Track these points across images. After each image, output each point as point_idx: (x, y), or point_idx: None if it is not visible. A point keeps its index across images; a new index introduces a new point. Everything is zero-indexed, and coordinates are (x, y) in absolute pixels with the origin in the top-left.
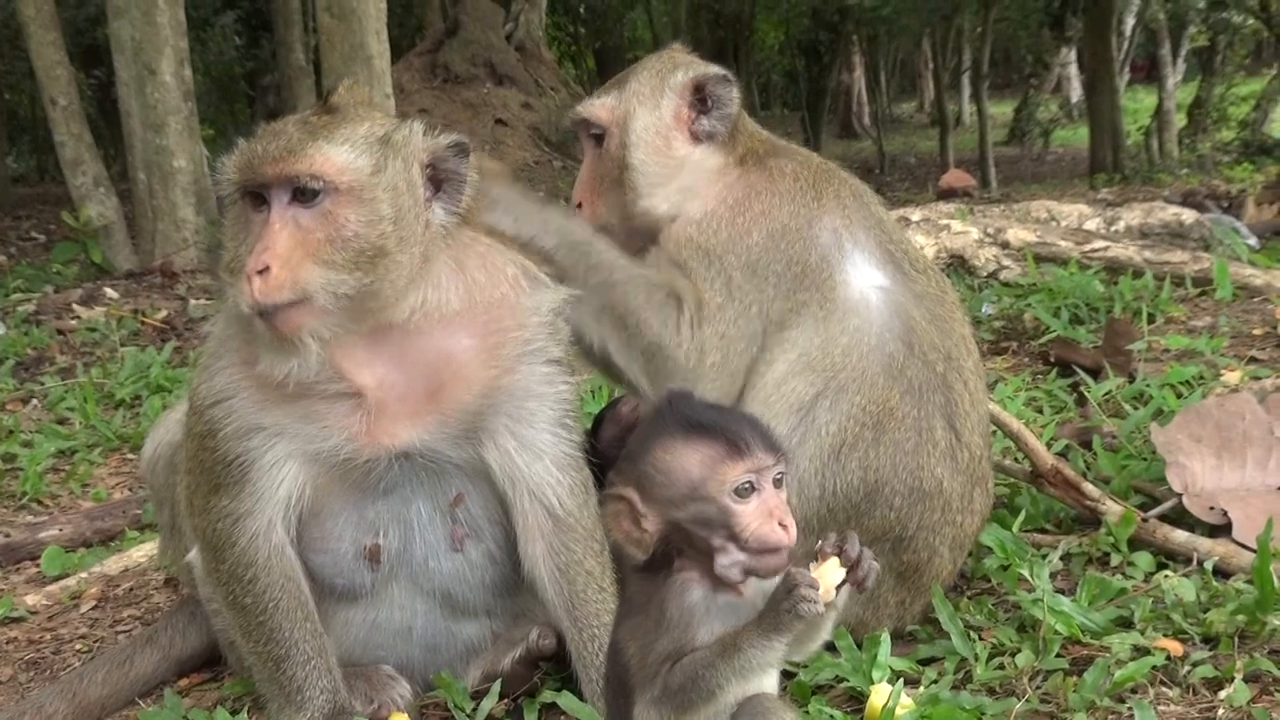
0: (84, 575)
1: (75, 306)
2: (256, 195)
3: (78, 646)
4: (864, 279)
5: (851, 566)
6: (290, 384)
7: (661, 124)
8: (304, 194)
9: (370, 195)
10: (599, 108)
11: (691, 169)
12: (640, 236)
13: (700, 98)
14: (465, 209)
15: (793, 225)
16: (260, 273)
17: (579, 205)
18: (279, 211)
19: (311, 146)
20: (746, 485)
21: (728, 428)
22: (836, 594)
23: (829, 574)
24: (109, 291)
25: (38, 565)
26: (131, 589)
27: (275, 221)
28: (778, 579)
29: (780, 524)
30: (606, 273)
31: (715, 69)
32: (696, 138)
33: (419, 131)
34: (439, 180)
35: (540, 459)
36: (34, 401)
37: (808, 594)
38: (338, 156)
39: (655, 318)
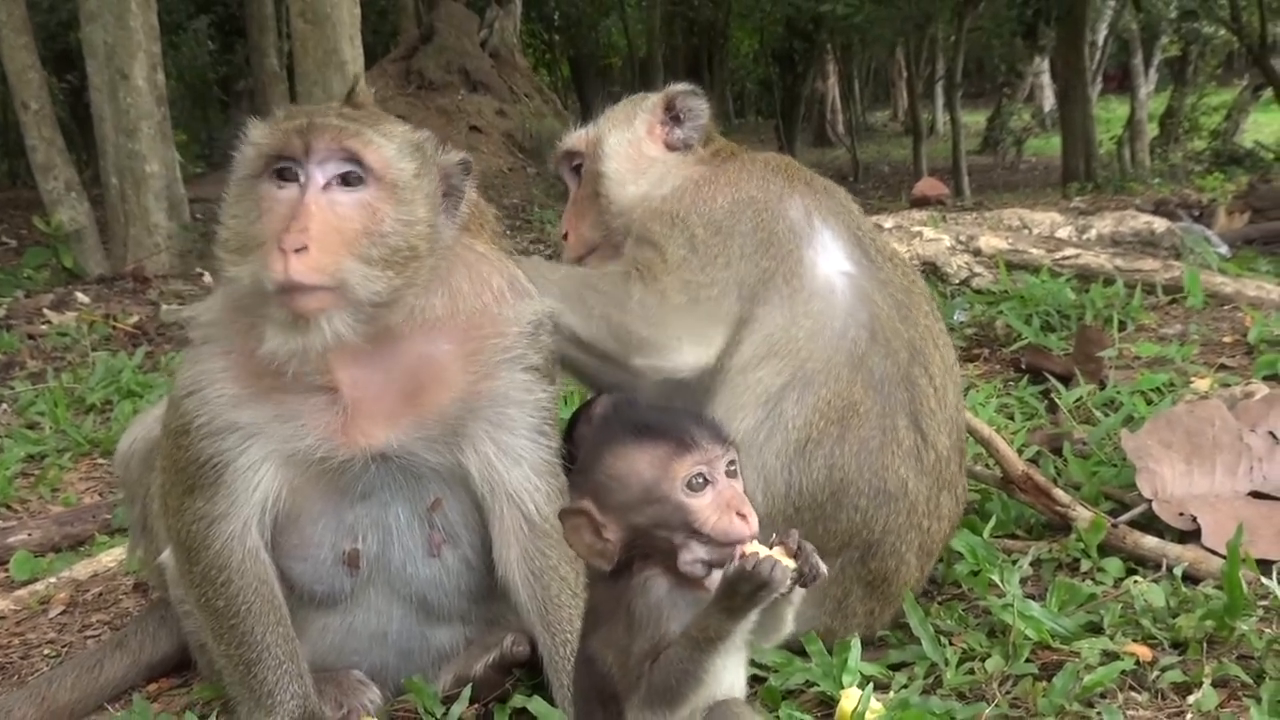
0: (53, 580)
1: (46, 311)
2: (283, 173)
3: (46, 651)
4: (830, 262)
5: (796, 557)
6: (281, 369)
7: (634, 137)
8: (347, 178)
9: (410, 196)
10: (575, 138)
11: (663, 167)
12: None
13: (673, 114)
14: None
15: (760, 197)
16: (296, 251)
17: (565, 236)
18: (315, 192)
19: (367, 131)
20: (699, 479)
21: (672, 425)
22: (790, 589)
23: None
24: (80, 296)
25: (6, 570)
26: (101, 594)
27: (311, 202)
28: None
29: (739, 514)
30: (566, 268)
31: (683, 85)
32: (671, 147)
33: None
34: (446, 194)
35: (519, 465)
36: (4, 406)
37: (763, 567)
38: (388, 149)
39: (609, 283)
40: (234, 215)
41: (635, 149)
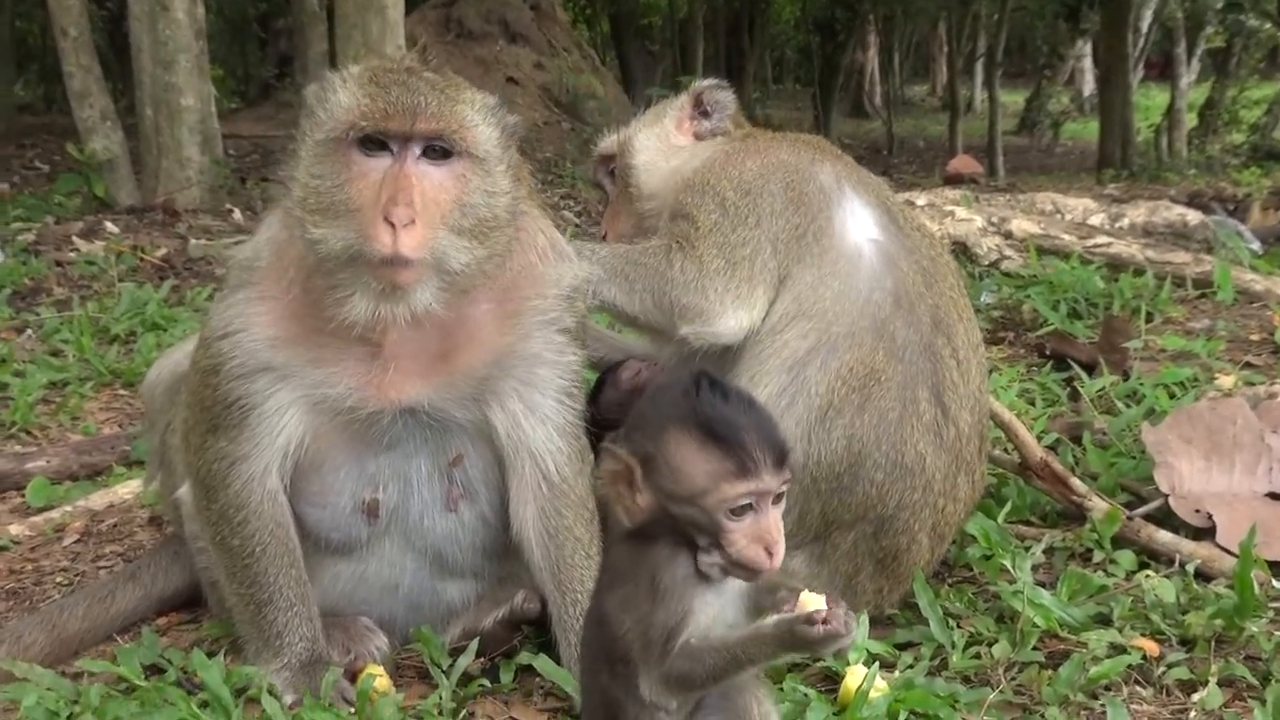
0: (69, 508)
1: (75, 239)
2: (370, 141)
3: (58, 579)
4: (859, 227)
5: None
6: (346, 326)
7: (664, 131)
8: (437, 151)
9: (494, 168)
10: (607, 142)
11: (693, 152)
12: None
13: (701, 109)
14: None
15: (791, 161)
16: (405, 225)
17: (604, 236)
18: (413, 164)
19: (457, 106)
20: (745, 506)
21: (743, 442)
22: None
23: (811, 600)
24: (109, 226)
25: (23, 495)
26: (115, 525)
27: (412, 174)
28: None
29: (767, 549)
30: (608, 247)
31: (710, 80)
32: (700, 138)
33: None
34: None
35: (544, 424)
36: (29, 331)
37: (830, 631)
38: (481, 127)
39: (649, 256)
40: (315, 176)
41: (664, 141)
